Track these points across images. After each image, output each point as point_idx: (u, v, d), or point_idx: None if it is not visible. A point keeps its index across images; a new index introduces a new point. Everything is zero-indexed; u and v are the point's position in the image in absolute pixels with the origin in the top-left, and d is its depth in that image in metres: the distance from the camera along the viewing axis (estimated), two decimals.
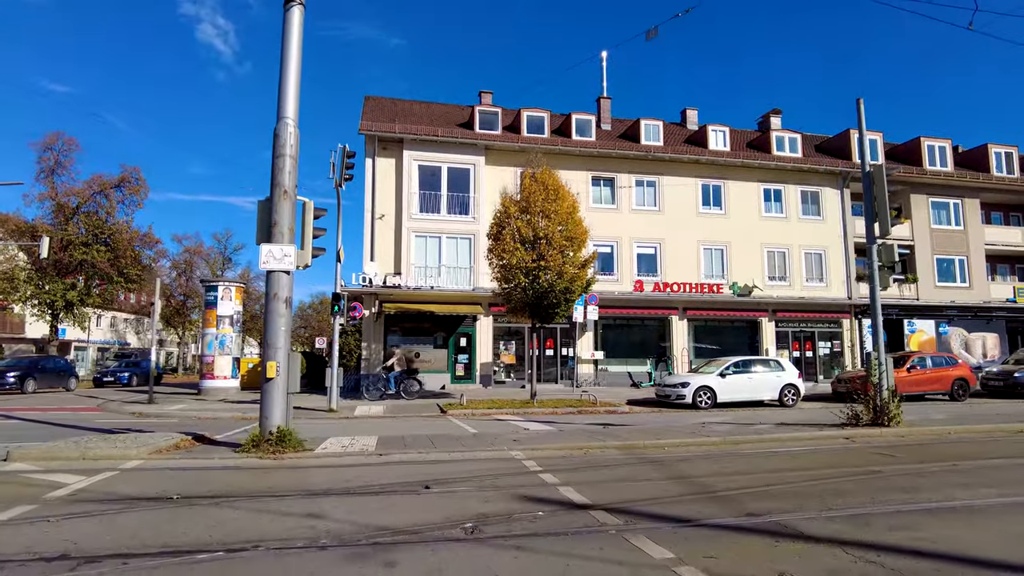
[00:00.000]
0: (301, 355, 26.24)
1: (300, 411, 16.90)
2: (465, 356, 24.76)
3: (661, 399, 18.71)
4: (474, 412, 16.25)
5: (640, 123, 28.49)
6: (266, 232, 8.11)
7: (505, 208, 18.02)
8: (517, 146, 25.61)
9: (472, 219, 24.93)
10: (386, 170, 24.86)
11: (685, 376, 18.71)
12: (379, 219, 24.47)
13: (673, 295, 26.34)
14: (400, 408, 17.47)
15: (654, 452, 8.72)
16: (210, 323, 23.90)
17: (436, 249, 24.73)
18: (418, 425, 13.51)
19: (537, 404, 17.22)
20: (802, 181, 29.18)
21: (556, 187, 17.92)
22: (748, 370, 18.68)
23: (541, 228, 17.43)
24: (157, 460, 7.68)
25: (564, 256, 17.56)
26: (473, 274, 24.63)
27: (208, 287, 24.23)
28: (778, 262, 28.50)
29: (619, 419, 14.85)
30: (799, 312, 27.99)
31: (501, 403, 17.52)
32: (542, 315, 18.01)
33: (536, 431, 11.07)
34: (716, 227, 27.78)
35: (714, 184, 28.23)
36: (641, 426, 12.22)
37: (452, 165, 25.18)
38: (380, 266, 23.91)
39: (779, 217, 28.76)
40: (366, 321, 24.04)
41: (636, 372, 26.16)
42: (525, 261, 17.29)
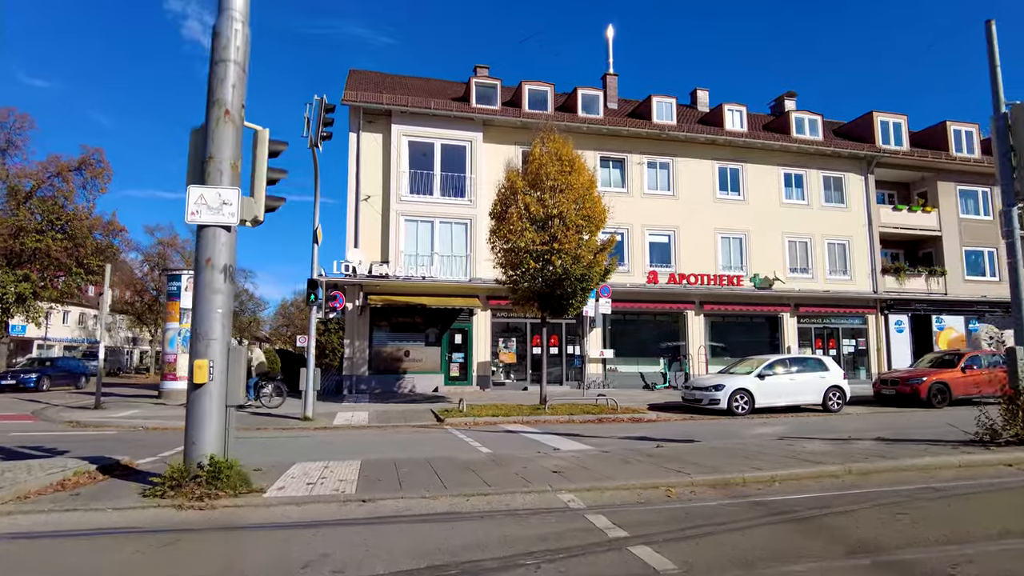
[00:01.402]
0: (277, 353, 23.69)
1: (270, 420, 14.29)
2: (460, 354, 22.20)
3: (689, 403, 16.30)
4: (476, 420, 13.73)
5: (652, 100, 26.09)
6: (198, 171, 5.52)
7: (511, 183, 15.50)
8: (519, 121, 23.09)
9: (469, 202, 22.36)
10: (372, 146, 22.22)
11: (718, 377, 16.32)
12: (364, 201, 21.82)
13: (690, 287, 23.96)
14: (388, 415, 14.89)
15: (764, 490, 6.00)
16: (173, 316, 21.10)
17: (428, 235, 22.13)
18: (412, 440, 10.94)
19: (549, 410, 14.72)
20: (824, 166, 26.95)
21: (571, 158, 15.43)
22: (789, 370, 16.32)
23: (554, 205, 14.93)
24: (12, 516, 4.98)
25: (580, 238, 15.09)
26: (470, 263, 22.08)
27: (171, 276, 21.42)
28: (799, 253, 26.24)
29: (656, 430, 12.38)
30: (822, 307, 25.76)
31: (507, 409, 15.00)
32: (554, 307, 15.52)
33: (571, 452, 8.52)
34: (734, 214, 25.46)
35: (732, 167, 25.89)
36: (700, 443, 9.71)
37: (446, 142, 22.58)
38: (365, 253, 21.28)
39: (800, 204, 26.51)
40: (349, 315, 21.39)
41: (648, 372, 23.75)
42: (535, 243, 14.79)
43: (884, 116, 28.57)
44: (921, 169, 28.35)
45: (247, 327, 70.20)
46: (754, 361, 17.47)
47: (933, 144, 29.01)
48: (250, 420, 13.93)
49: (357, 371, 21.13)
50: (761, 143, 25.86)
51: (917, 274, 27.35)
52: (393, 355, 21.72)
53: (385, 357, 21.67)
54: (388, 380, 21.34)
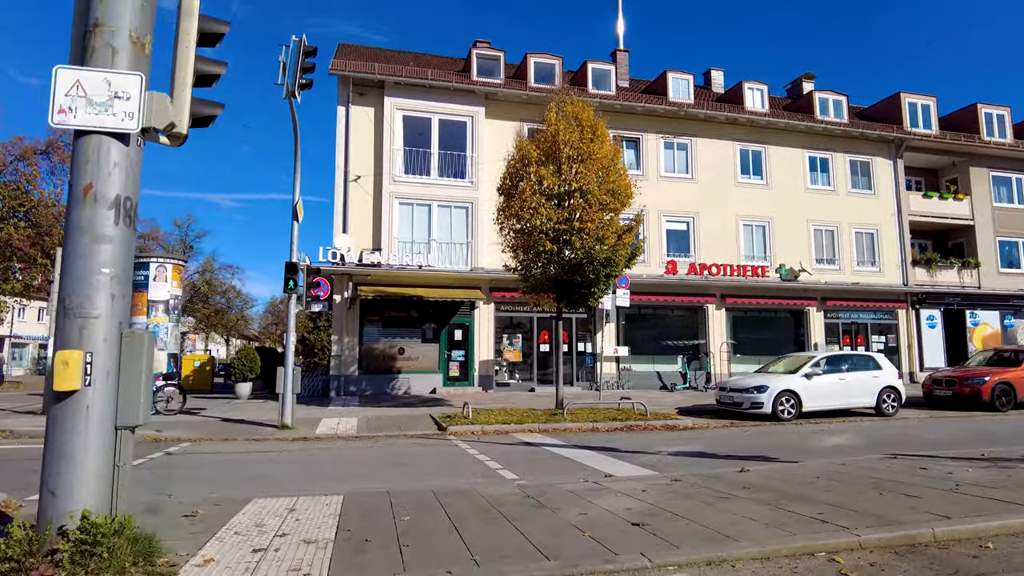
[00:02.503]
0: (258, 352, 21.44)
1: (242, 427, 12.15)
2: (461, 352, 20.08)
3: (725, 407, 14.28)
4: (484, 429, 11.64)
5: (667, 76, 24.06)
6: (79, 45, 3.40)
7: (522, 153, 13.40)
8: (525, 95, 20.98)
9: (469, 183, 20.24)
10: (363, 121, 20.05)
11: (759, 377, 14.30)
12: (354, 181, 19.64)
13: (712, 279, 21.95)
14: (381, 422, 12.76)
15: (982, 558, 3.98)
16: (139, 309, 18.88)
17: (425, 219, 19.99)
18: (410, 457, 8.83)
19: (568, 416, 12.64)
20: (851, 149, 25.02)
21: (593, 123, 13.36)
22: (838, 369, 14.32)
23: (574, 178, 12.85)
24: None
25: (603, 216, 13.03)
26: (471, 251, 19.97)
27: (137, 264, 19.18)
28: (826, 242, 24.31)
29: (707, 441, 10.32)
30: (850, 301, 23.84)
31: (519, 415, 12.92)
32: (572, 297, 13.44)
33: (630, 480, 6.33)
34: (757, 199, 23.48)
35: (754, 149, 23.91)
36: (796, 464, 7.59)
37: (445, 117, 20.44)
38: (355, 240, 19.12)
39: (826, 190, 24.57)
40: (337, 308, 19.22)
41: (666, 372, 21.73)
42: (551, 222, 12.70)
43: (912, 97, 26.70)
44: (952, 154, 26.48)
45: (235, 325, 67.82)
46: (795, 359, 15.48)
47: (962, 128, 27.15)
48: (217, 428, 11.78)
49: (346, 371, 18.98)
50: (785, 122, 23.89)
51: (949, 266, 25.50)
52: (386, 353, 19.59)
53: (377, 355, 19.53)
54: (380, 381, 19.21)
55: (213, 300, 61.09)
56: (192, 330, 65.75)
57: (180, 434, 11.10)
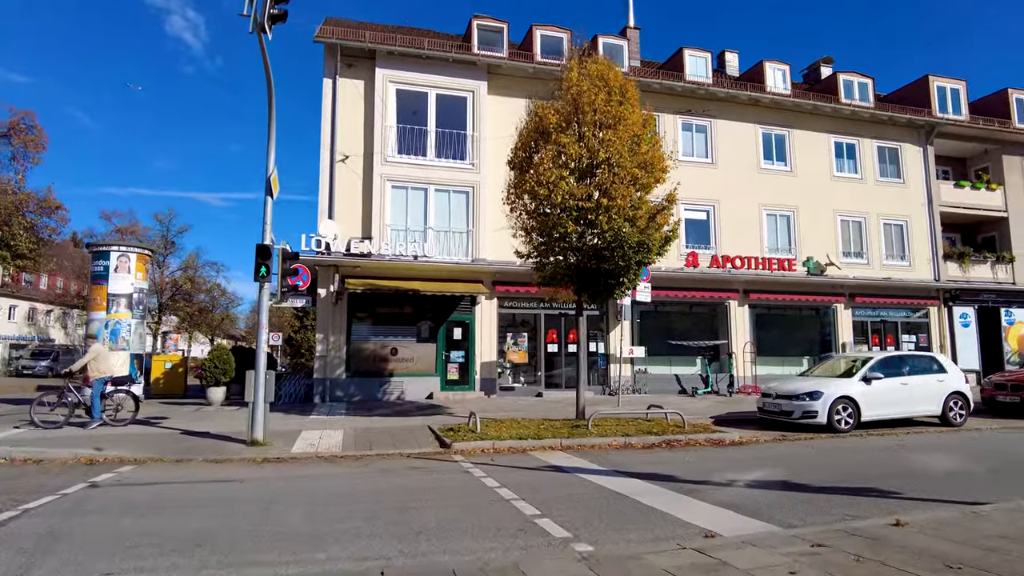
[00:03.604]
0: (233, 352, 19.34)
1: (204, 443, 10.08)
2: (460, 353, 18.04)
3: (770, 415, 12.39)
4: (497, 446, 9.65)
5: (683, 53, 22.17)
6: None
7: (539, 118, 11.40)
8: (531, 68, 19.01)
9: (470, 165, 18.23)
10: (352, 96, 17.98)
11: (811, 381, 12.40)
12: (341, 162, 17.57)
13: (735, 272, 20.08)
14: (371, 436, 10.72)
15: None
16: (98, 304, 16.68)
17: (421, 205, 17.96)
18: (408, 494, 6.78)
19: (594, 429, 10.67)
20: (879, 135, 23.26)
21: (621, 84, 11.40)
22: (899, 372, 12.45)
23: (601, 147, 10.87)
24: None
25: (636, 193, 11.08)
26: (472, 240, 17.96)
27: (96, 253, 16.99)
28: (853, 234, 22.52)
29: (775, 463, 8.37)
30: (879, 297, 22.05)
31: (535, 427, 10.93)
32: (596, 288, 11.49)
33: (749, 544, 4.32)
34: (781, 187, 21.65)
35: (777, 133, 22.08)
36: (948, 508, 5.64)
37: (443, 91, 18.42)
38: (342, 226, 17.05)
39: (853, 178, 22.79)
40: (322, 304, 17.14)
41: (685, 375, 19.82)
42: (575, 199, 10.72)
43: (941, 81, 24.98)
44: (984, 141, 24.80)
45: (220, 324, 65.40)
46: (841, 361, 13.64)
47: (993, 115, 25.46)
48: (173, 444, 9.69)
49: (332, 373, 16.91)
50: (812, 104, 22.06)
51: (982, 260, 23.80)
52: (377, 353, 17.53)
53: (367, 356, 17.48)
54: (370, 384, 17.16)
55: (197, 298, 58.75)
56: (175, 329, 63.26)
57: (125, 452, 9.03)
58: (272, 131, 10.40)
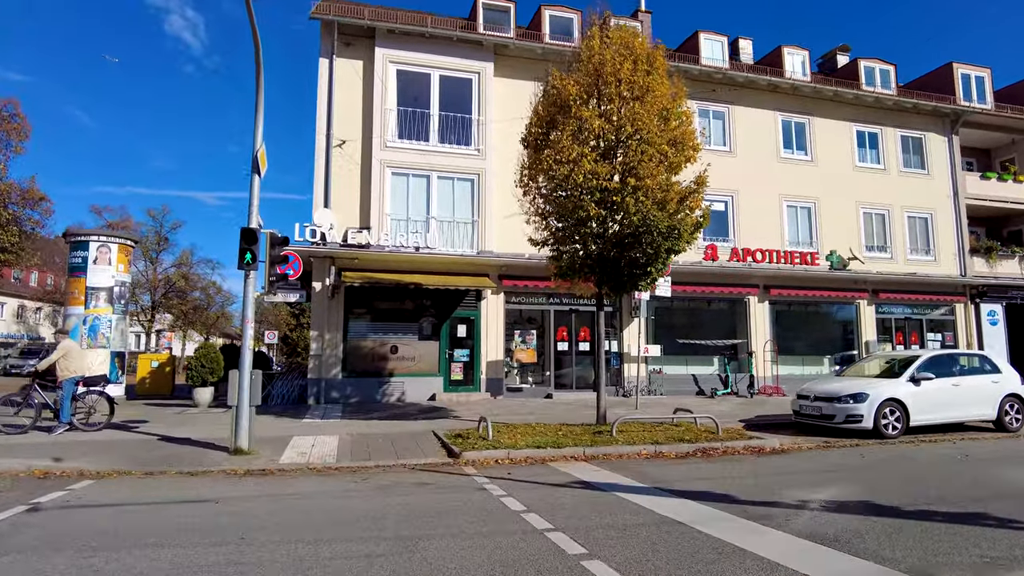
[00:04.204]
0: (221, 350, 18.19)
1: (182, 451, 8.94)
2: (465, 351, 16.90)
3: (808, 420, 11.29)
4: (512, 456, 8.53)
5: (699, 37, 21.06)
6: None
7: (557, 90, 10.26)
8: (539, 49, 17.88)
9: (475, 151, 17.10)
10: (349, 77, 16.83)
11: (851, 382, 11.29)
12: (338, 147, 16.43)
13: (755, 266, 18.98)
14: (370, 444, 9.59)
15: None
16: (75, 298, 15.57)
17: (423, 193, 16.82)
18: (417, 524, 5.62)
19: (619, 436, 9.55)
20: (902, 124, 22.18)
21: (648, 53, 10.28)
22: (949, 372, 11.36)
23: (628, 121, 9.75)
24: None
25: (665, 172, 9.96)
26: (478, 231, 16.83)
27: (74, 243, 15.85)
28: (876, 227, 21.44)
29: (837, 475, 7.25)
30: (903, 293, 20.96)
31: (552, 433, 9.82)
32: (620, 279, 10.38)
33: None
34: (801, 177, 20.56)
35: (797, 120, 20.98)
36: None
37: (447, 73, 17.28)
38: (339, 216, 15.92)
39: (876, 169, 21.71)
40: (317, 298, 16.00)
41: (703, 375, 18.70)
42: (599, 178, 9.60)
43: (965, 68, 23.91)
44: (1010, 131, 23.78)
45: (215, 322, 64.17)
46: (877, 360, 12.58)
47: (1019, 103, 24.39)
48: (146, 454, 8.55)
49: (327, 373, 15.77)
50: (833, 90, 20.96)
51: (1010, 255, 22.74)
52: (376, 352, 16.40)
53: (365, 354, 16.34)
54: (368, 385, 16.02)
55: (191, 296, 57.55)
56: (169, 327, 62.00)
57: (88, 464, 7.89)
58: (260, 101, 9.27)
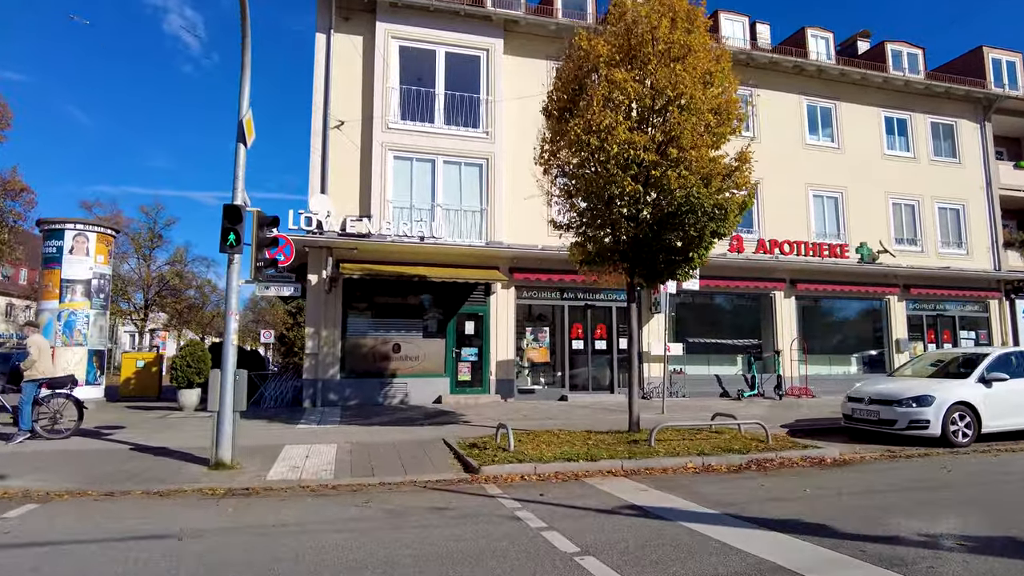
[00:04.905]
0: (209, 349, 16.93)
1: (154, 464, 7.69)
2: (473, 350, 15.66)
3: (861, 425, 10.08)
4: (540, 471, 7.29)
5: (719, 16, 19.86)
6: None
7: (586, 51, 9.02)
8: (552, 25, 16.64)
9: (484, 134, 15.87)
10: (349, 53, 15.59)
11: (911, 383, 10.08)
12: (336, 128, 15.19)
13: (783, 259, 17.77)
14: (373, 455, 8.34)
15: None
16: (49, 292, 14.27)
17: (428, 179, 15.58)
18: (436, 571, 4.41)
19: (658, 446, 8.32)
20: (933, 110, 21.00)
21: (687, 10, 9.05)
22: (1022, 373, 10.15)
23: (668, 84, 8.51)
24: None
25: (711, 143, 8.74)
26: (487, 220, 15.60)
27: (48, 231, 14.54)
28: (906, 219, 20.26)
29: (942, 500, 6.02)
30: (936, 289, 19.78)
31: (582, 444, 8.60)
32: (656, 266, 9.15)
33: None
34: (828, 165, 19.36)
35: (823, 105, 19.79)
36: None
37: (453, 50, 16.04)
38: (337, 203, 14.67)
39: (906, 157, 20.53)
40: (313, 292, 14.75)
41: (726, 375, 17.49)
42: (636, 148, 8.36)
43: (996, 53, 22.77)
44: None
45: (211, 322, 62.83)
46: (928, 359, 11.35)
47: None
48: (111, 468, 7.29)
49: (324, 373, 14.52)
50: (861, 73, 19.77)
51: None
52: (377, 350, 15.15)
53: (365, 353, 15.09)
54: (369, 386, 14.78)
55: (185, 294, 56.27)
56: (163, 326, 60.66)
57: (37, 482, 6.63)
58: (246, 58, 8.02)
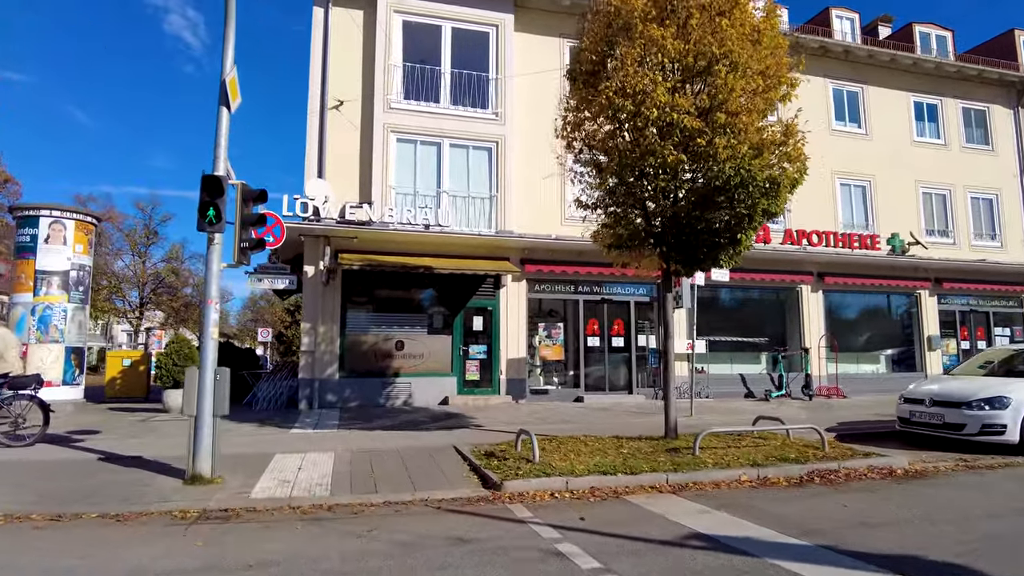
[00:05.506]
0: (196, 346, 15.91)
1: (122, 478, 6.59)
2: (482, 348, 14.57)
3: (922, 429, 9.00)
4: (572, 487, 6.20)
5: None
6: None
7: (616, 8, 7.90)
8: (567, 1, 15.54)
9: (494, 115, 14.78)
10: (347, 29, 14.49)
11: (976, 383, 9.01)
12: (334, 109, 14.09)
13: (811, 250, 16.68)
14: (375, 462, 7.25)
15: None
16: (22, 284, 13.21)
17: (433, 163, 14.49)
18: None
19: (704, 455, 7.23)
20: (964, 94, 19.92)
21: None
22: None
23: (713, 41, 7.41)
24: None
25: (762, 107, 7.66)
26: (496, 208, 14.52)
27: (22, 219, 13.47)
28: (937, 209, 19.19)
29: None
30: (969, 283, 18.68)
31: (615, 454, 7.52)
32: (698, 250, 8.07)
33: None
34: (855, 152, 18.27)
35: (849, 89, 18.69)
36: None
37: (460, 25, 14.95)
38: (335, 188, 13.56)
39: (936, 144, 19.45)
40: (310, 285, 13.65)
41: (751, 374, 16.41)
42: (679, 111, 7.26)
43: None
44: None
45: None
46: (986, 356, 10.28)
47: None
48: (69, 482, 6.21)
49: (322, 372, 13.43)
50: (891, 54, 18.67)
51: None
52: (378, 348, 14.06)
53: (366, 351, 14.00)
54: (370, 386, 13.69)
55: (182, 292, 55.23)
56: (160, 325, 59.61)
57: None
58: (231, 9, 6.94)
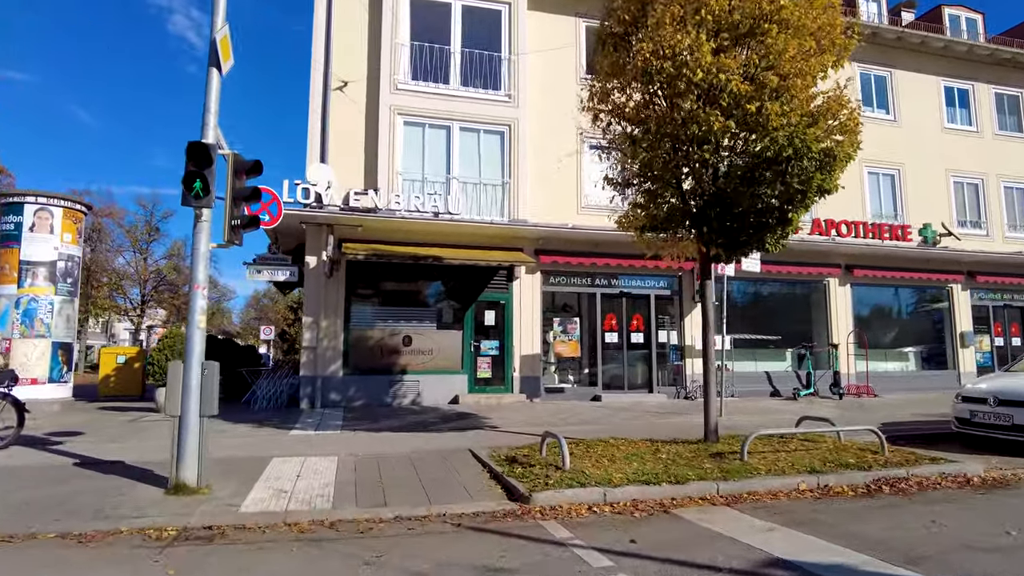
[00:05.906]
0: None
1: (97, 487, 5.76)
2: (494, 343, 13.76)
3: (985, 431, 8.15)
4: (612, 500, 5.38)
5: None
6: None
7: None
8: None
9: (506, 97, 13.96)
10: (352, 6, 13.69)
11: None
12: (338, 90, 13.29)
13: (840, 241, 15.80)
14: (383, 469, 6.45)
15: None
16: (6, 275, 12.47)
17: (442, 147, 13.68)
18: None
19: (754, 461, 6.41)
20: (997, 79, 19.00)
21: None
22: None
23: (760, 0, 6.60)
24: None
25: (818, 70, 6.86)
26: (509, 195, 13.70)
27: (5, 205, 12.71)
28: (969, 199, 18.30)
29: None
30: (1005, 276, 17.77)
31: (652, 458, 6.70)
32: (742, 232, 7.23)
33: None
34: (883, 139, 17.32)
35: (877, 73, 17.81)
36: None
37: (470, 3, 14.13)
38: (339, 174, 12.76)
39: (968, 131, 18.55)
40: (312, 277, 12.85)
41: (777, 372, 15.56)
42: (728, 72, 6.44)
43: None
44: None
45: (210, 318, 61.16)
46: None
47: None
48: (37, 492, 5.42)
49: (324, 370, 12.64)
50: (922, 36, 17.77)
51: None
52: (384, 343, 13.26)
53: (371, 347, 13.20)
54: (376, 384, 12.89)
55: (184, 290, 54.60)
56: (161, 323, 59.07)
57: None
58: None
